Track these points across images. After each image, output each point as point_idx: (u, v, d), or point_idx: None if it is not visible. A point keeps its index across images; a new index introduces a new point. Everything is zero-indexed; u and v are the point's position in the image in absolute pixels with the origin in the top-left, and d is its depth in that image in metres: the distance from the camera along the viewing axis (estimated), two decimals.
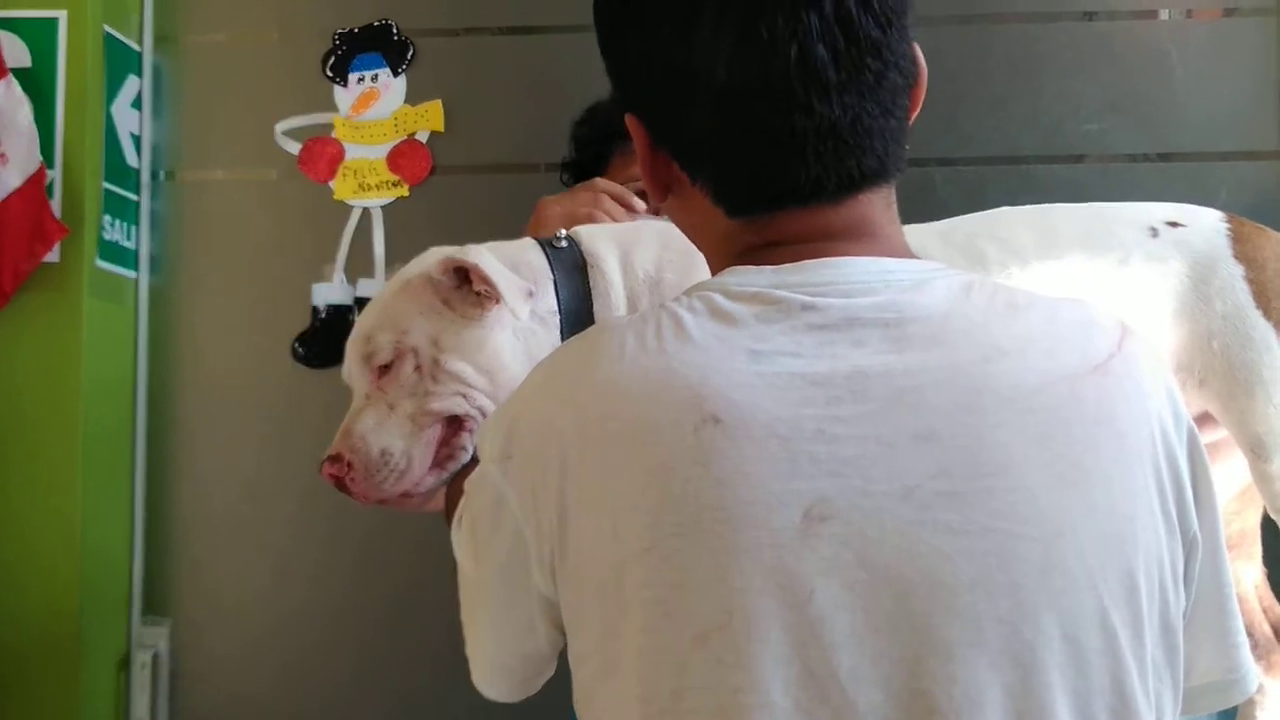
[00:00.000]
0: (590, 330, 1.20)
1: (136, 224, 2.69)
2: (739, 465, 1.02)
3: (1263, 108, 2.49)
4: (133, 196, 2.68)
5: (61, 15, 2.53)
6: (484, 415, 1.58)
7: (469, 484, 1.20)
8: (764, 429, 1.03)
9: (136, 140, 2.68)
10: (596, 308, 1.62)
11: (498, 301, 1.58)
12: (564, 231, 1.63)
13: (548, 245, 1.61)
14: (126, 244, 2.66)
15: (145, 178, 2.71)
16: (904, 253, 1.14)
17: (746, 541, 1.01)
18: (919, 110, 1.17)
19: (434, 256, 1.63)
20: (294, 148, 2.64)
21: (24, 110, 2.47)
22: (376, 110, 2.64)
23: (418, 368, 1.61)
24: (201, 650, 2.47)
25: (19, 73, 2.48)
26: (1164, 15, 2.51)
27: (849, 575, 1.00)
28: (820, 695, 1.00)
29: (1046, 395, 1.06)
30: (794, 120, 1.09)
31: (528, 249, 1.63)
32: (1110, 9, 2.51)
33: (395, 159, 2.51)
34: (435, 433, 1.59)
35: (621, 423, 1.06)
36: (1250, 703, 1.81)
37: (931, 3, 2.49)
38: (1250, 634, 1.82)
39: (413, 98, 2.60)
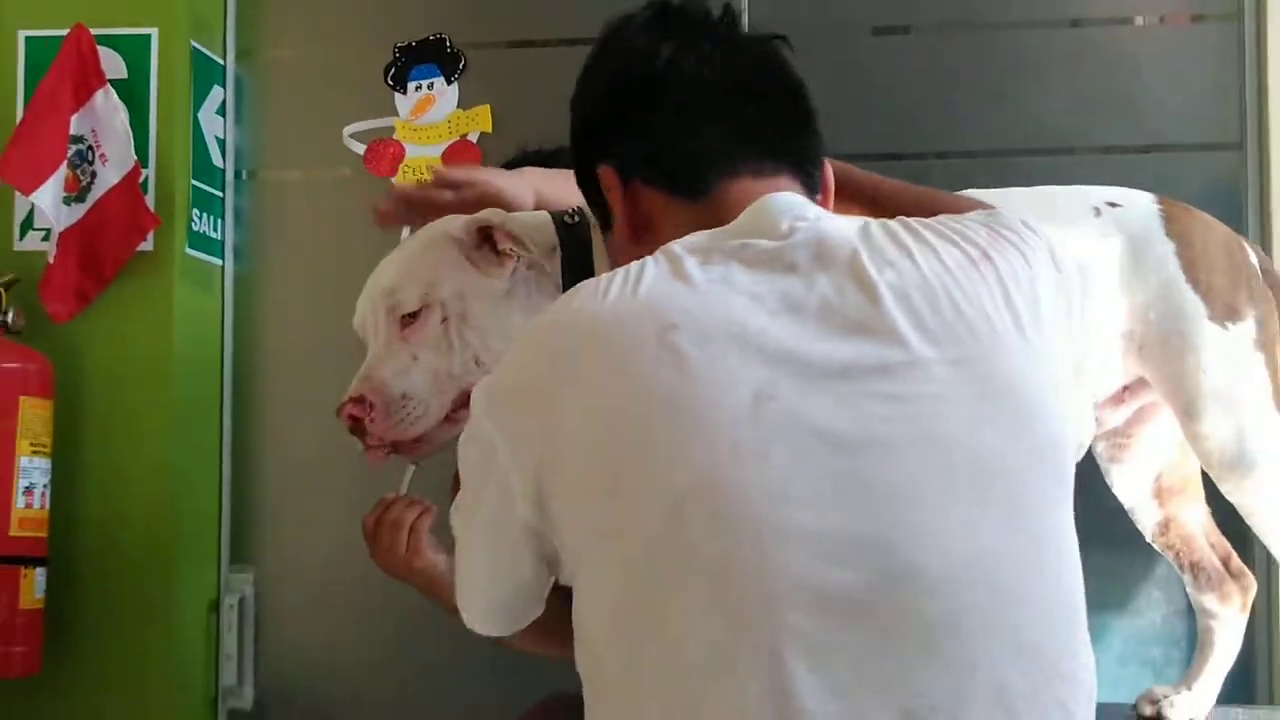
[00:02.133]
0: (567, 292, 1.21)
1: (221, 217, 2.74)
2: (695, 359, 1.05)
3: (1226, 104, 2.49)
4: (218, 193, 2.72)
5: (154, 32, 2.56)
6: None
7: (461, 445, 1.20)
8: (716, 329, 1.06)
9: (221, 143, 2.73)
10: None
11: (517, 259, 1.54)
12: (575, 207, 1.56)
13: (559, 219, 1.57)
14: (213, 235, 2.70)
15: (229, 176, 2.75)
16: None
17: (707, 421, 1.03)
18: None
19: (454, 220, 1.59)
20: (360, 148, 2.67)
21: (120, 116, 2.50)
22: (432, 114, 2.67)
23: (444, 320, 1.55)
24: (282, 596, 2.53)
25: (116, 83, 2.51)
26: (1139, 21, 2.51)
27: (798, 442, 1.03)
28: (789, 547, 1.01)
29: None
30: (742, 132, 1.23)
31: (540, 222, 1.58)
32: (1092, 16, 2.51)
33: (449, 157, 2.54)
34: (452, 396, 1.53)
35: (596, 345, 1.08)
36: (1207, 628, 1.87)
37: (934, 11, 2.56)
38: (1203, 569, 1.90)
39: (464, 103, 2.63)
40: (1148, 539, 1.95)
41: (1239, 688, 2.33)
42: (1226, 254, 1.79)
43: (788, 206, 1.18)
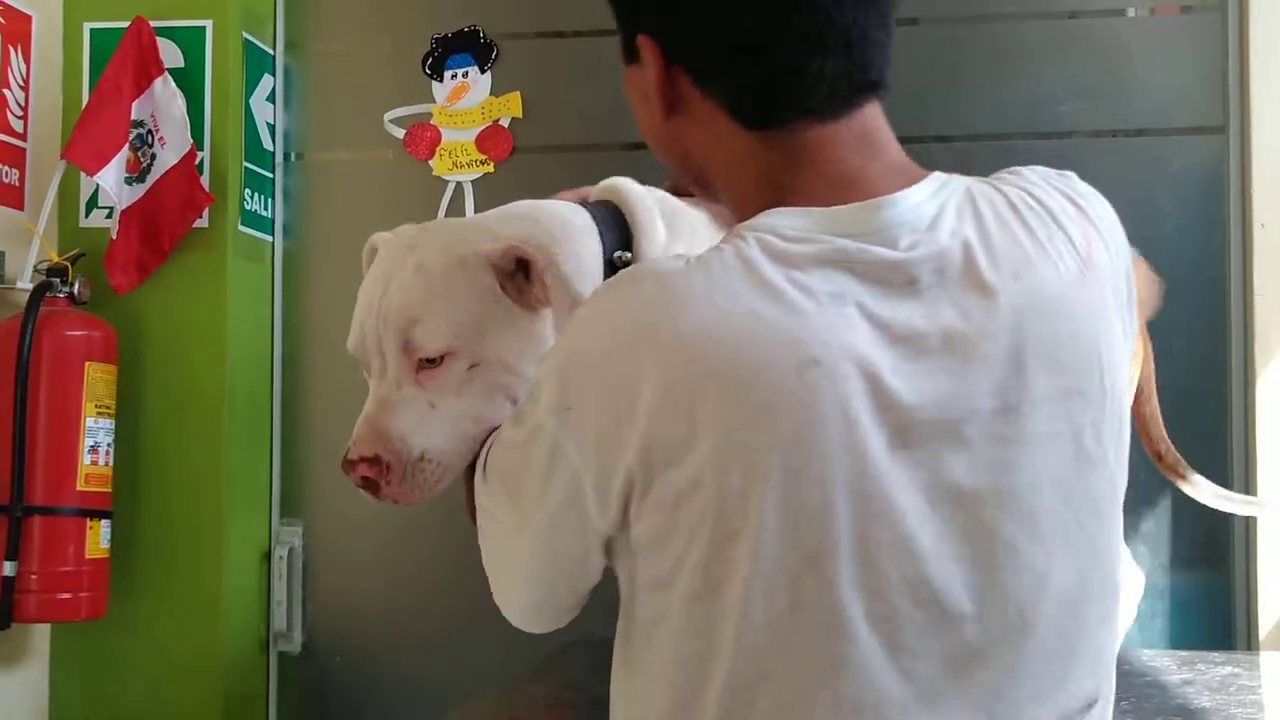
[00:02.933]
0: (638, 272, 1.06)
1: (272, 196, 2.76)
2: (836, 402, 0.95)
3: (1211, 90, 2.50)
4: (268, 174, 2.75)
5: (209, 24, 2.59)
6: None
7: (507, 437, 1.09)
8: (853, 367, 0.96)
9: (271, 127, 2.75)
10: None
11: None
12: (627, 251, 1.31)
13: (611, 259, 1.31)
14: (264, 213, 2.73)
15: (278, 158, 2.78)
16: (910, 167, 1.07)
17: (845, 473, 0.95)
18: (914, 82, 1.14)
19: (485, 236, 1.26)
20: (400, 133, 2.69)
21: (177, 102, 2.52)
22: (467, 101, 2.69)
23: (472, 366, 1.24)
24: (329, 547, 2.57)
25: (174, 72, 2.55)
26: (1131, 13, 2.52)
27: (929, 492, 0.97)
28: (914, 600, 0.96)
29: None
30: (819, 25, 1.01)
31: (591, 262, 1.31)
32: (1088, 8, 2.52)
33: (483, 141, 2.57)
34: (475, 447, 1.24)
35: (715, 364, 0.96)
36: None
37: (940, 4, 2.57)
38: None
39: (496, 90, 2.65)
40: None
41: (1218, 635, 2.43)
42: None
43: (910, 217, 1.02)
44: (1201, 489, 1.94)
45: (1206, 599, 2.49)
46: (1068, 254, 1.01)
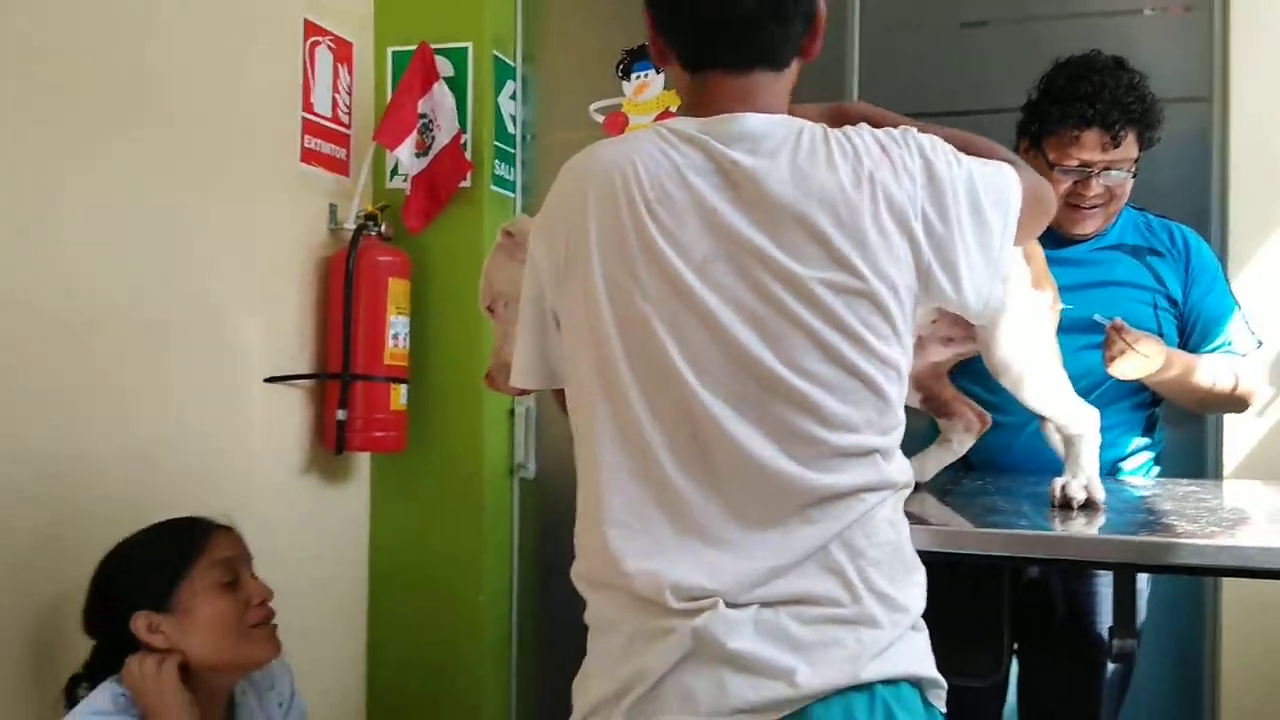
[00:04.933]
0: None
1: (514, 166, 2.98)
2: (664, 222, 1.17)
3: (1203, 66, 2.61)
4: (511, 150, 2.97)
5: (469, 45, 2.84)
6: None
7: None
8: (679, 203, 1.18)
9: (513, 118, 2.97)
10: None
11: None
12: None
13: None
14: (508, 177, 2.96)
15: (518, 139, 3.00)
16: (775, 115, 1.23)
17: (668, 270, 1.17)
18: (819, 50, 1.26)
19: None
20: (600, 119, 2.89)
21: (448, 100, 2.78)
22: (647, 95, 2.84)
23: (505, 304, 1.56)
24: (552, 408, 2.05)
25: (447, 79, 2.80)
26: (1147, 12, 2.64)
27: (726, 294, 1.16)
28: (706, 342, 1.15)
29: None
30: (722, 10, 1.22)
31: None
32: (1115, 9, 2.63)
33: (659, 120, 2.06)
34: None
35: (594, 184, 1.19)
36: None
37: (982, 8, 2.69)
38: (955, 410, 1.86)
39: (668, 86, 2.80)
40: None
41: (1190, 465, 2.57)
42: None
43: (743, 130, 1.20)
44: None
45: (1182, 455, 2.53)
46: (847, 170, 1.19)
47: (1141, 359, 1.91)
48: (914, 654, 1.19)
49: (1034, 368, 1.58)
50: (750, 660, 1.12)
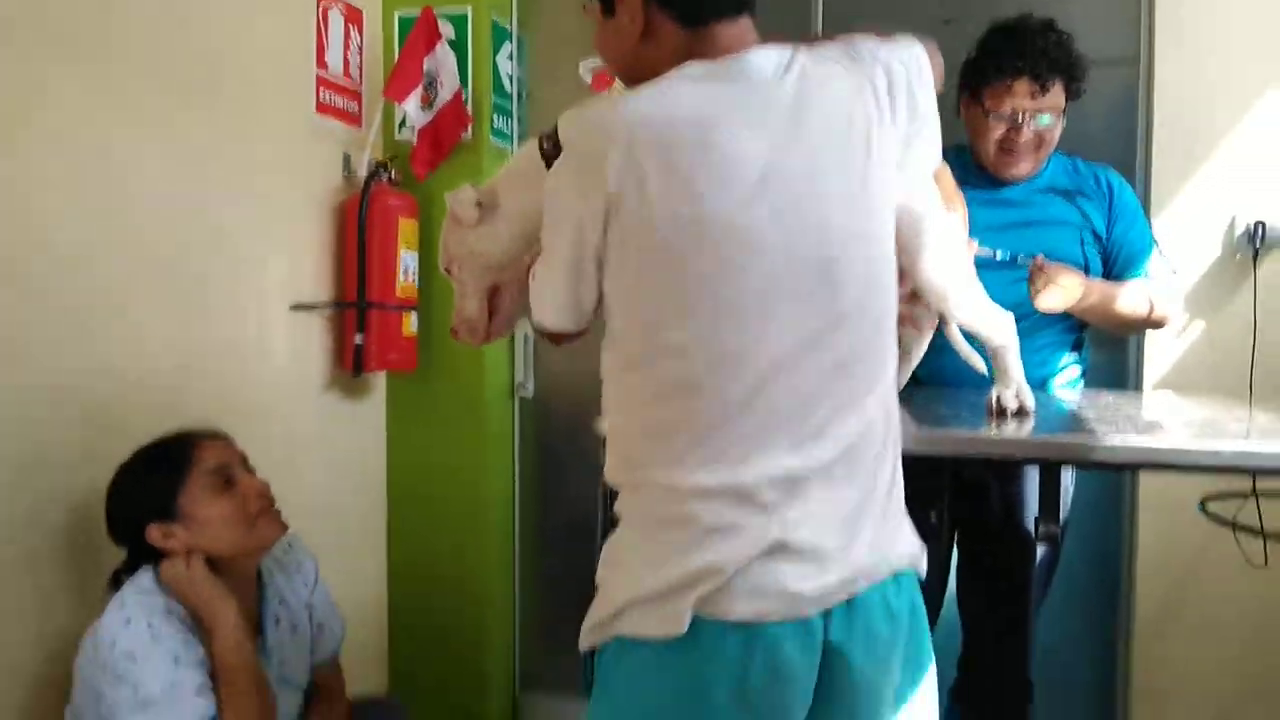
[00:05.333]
0: None
1: (510, 119, 3.05)
2: (723, 151, 1.19)
3: (1131, 32, 2.73)
4: (508, 105, 3.03)
5: (469, 9, 2.89)
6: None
7: (547, 193, 1.26)
8: (725, 132, 1.19)
9: (509, 77, 3.02)
10: None
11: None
12: (553, 134, 1.36)
13: (541, 146, 1.41)
14: (505, 131, 3.03)
15: (514, 95, 3.05)
16: (765, 46, 1.29)
17: (726, 197, 1.18)
18: None
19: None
20: (589, 78, 2.06)
21: (450, 59, 2.83)
22: None
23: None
24: None
25: (449, 41, 2.84)
26: None
27: (779, 213, 1.20)
28: (756, 257, 1.19)
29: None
30: None
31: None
32: None
33: None
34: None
35: (648, 130, 1.18)
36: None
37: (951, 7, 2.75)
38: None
39: None
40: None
41: (1114, 380, 2.73)
42: None
43: (749, 64, 1.25)
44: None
45: (1107, 371, 2.69)
46: (840, 64, 1.29)
47: (1061, 290, 2.08)
48: (917, 542, 1.38)
49: (956, 284, 1.65)
50: (811, 551, 1.22)
